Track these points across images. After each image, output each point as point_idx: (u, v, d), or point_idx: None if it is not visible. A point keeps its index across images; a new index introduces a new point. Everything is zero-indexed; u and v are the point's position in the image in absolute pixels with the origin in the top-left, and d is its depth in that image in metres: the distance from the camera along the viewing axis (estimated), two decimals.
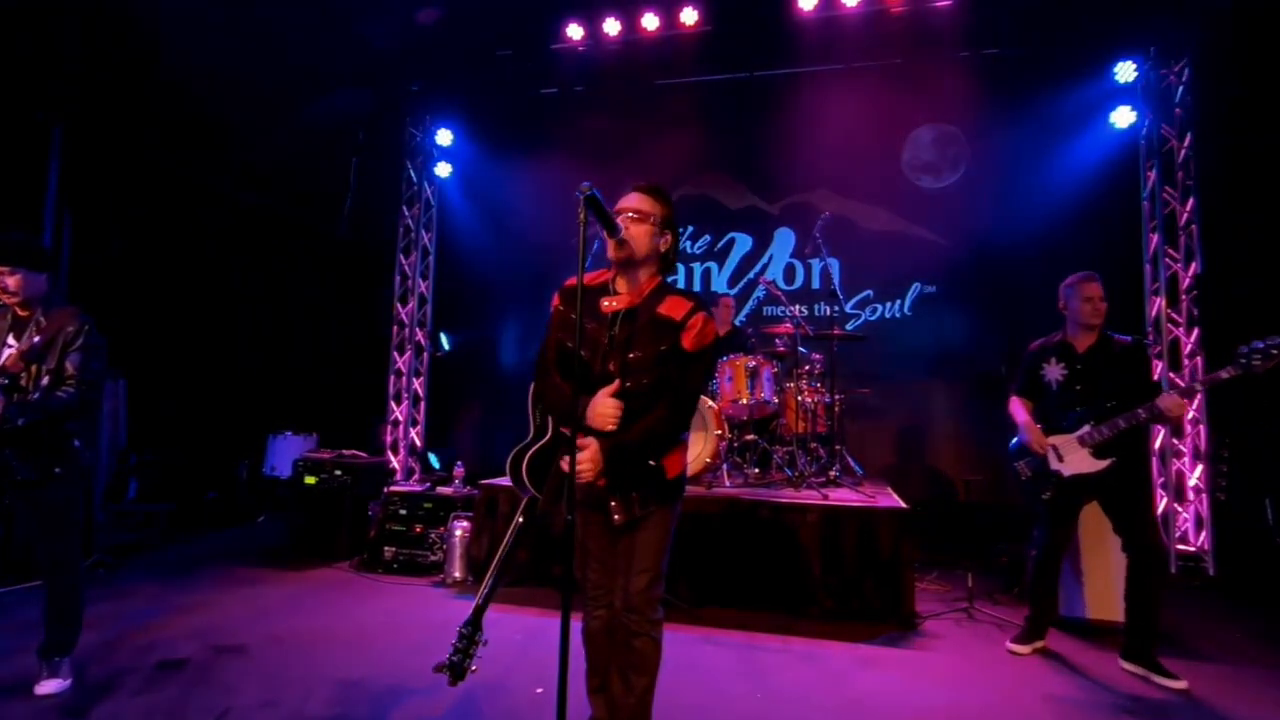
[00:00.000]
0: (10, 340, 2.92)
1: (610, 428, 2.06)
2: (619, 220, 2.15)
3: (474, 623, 2.33)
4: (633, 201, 2.22)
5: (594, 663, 2.35)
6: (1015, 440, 3.70)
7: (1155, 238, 5.86)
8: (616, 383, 2.10)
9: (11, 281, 2.89)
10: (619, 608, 2.22)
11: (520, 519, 2.39)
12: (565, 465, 2.04)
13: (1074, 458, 3.44)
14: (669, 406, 2.13)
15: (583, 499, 2.16)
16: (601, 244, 2.21)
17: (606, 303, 2.19)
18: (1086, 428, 3.41)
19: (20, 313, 2.97)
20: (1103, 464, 3.38)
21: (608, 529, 2.21)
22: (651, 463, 2.17)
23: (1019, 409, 3.66)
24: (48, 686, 2.90)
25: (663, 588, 2.24)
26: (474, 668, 2.32)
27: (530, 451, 2.34)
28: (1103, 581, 3.96)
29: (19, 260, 2.91)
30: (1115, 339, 3.49)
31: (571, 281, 2.24)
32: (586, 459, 2.05)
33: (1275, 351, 2.90)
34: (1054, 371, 3.56)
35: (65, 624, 2.99)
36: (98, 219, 5.83)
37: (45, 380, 2.87)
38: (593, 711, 2.38)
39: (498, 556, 2.43)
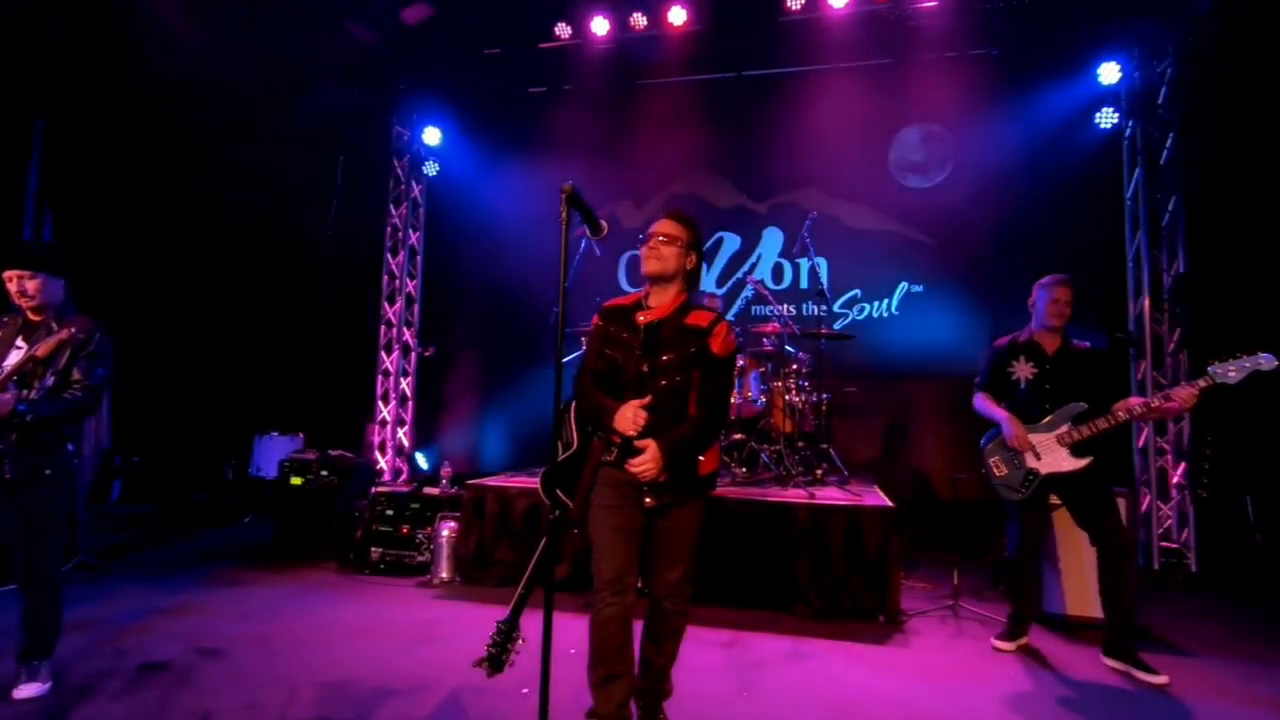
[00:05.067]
0: (19, 342, 2.95)
1: (632, 433, 2.28)
2: (649, 244, 2.44)
3: (511, 620, 2.44)
4: (664, 226, 2.48)
5: (602, 653, 2.35)
6: (987, 436, 3.72)
7: (1139, 237, 5.92)
8: (649, 397, 2.31)
9: (30, 286, 2.95)
10: (661, 596, 2.46)
11: (553, 519, 2.51)
12: (630, 467, 2.28)
13: (1052, 456, 3.47)
14: (709, 407, 2.40)
15: (611, 488, 2.38)
16: (589, 243, 2.25)
17: (641, 317, 2.46)
18: (1065, 427, 3.45)
19: (33, 317, 3.00)
20: (1081, 463, 3.42)
21: (638, 515, 2.37)
22: (701, 457, 2.42)
23: (992, 404, 3.66)
24: (26, 690, 2.86)
25: (692, 572, 2.49)
26: (512, 661, 2.40)
27: (559, 463, 2.50)
28: (1081, 578, 3.99)
29: (40, 266, 2.98)
30: (1075, 343, 3.58)
31: (611, 302, 2.59)
32: (649, 459, 2.25)
33: (1248, 365, 3.04)
34: (1023, 370, 3.60)
35: (44, 627, 2.96)
36: (79, 216, 5.77)
37: (49, 381, 2.90)
38: (593, 706, 2.36)
39: (533, 561, 2.58)
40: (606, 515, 2.39)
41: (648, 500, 2.34)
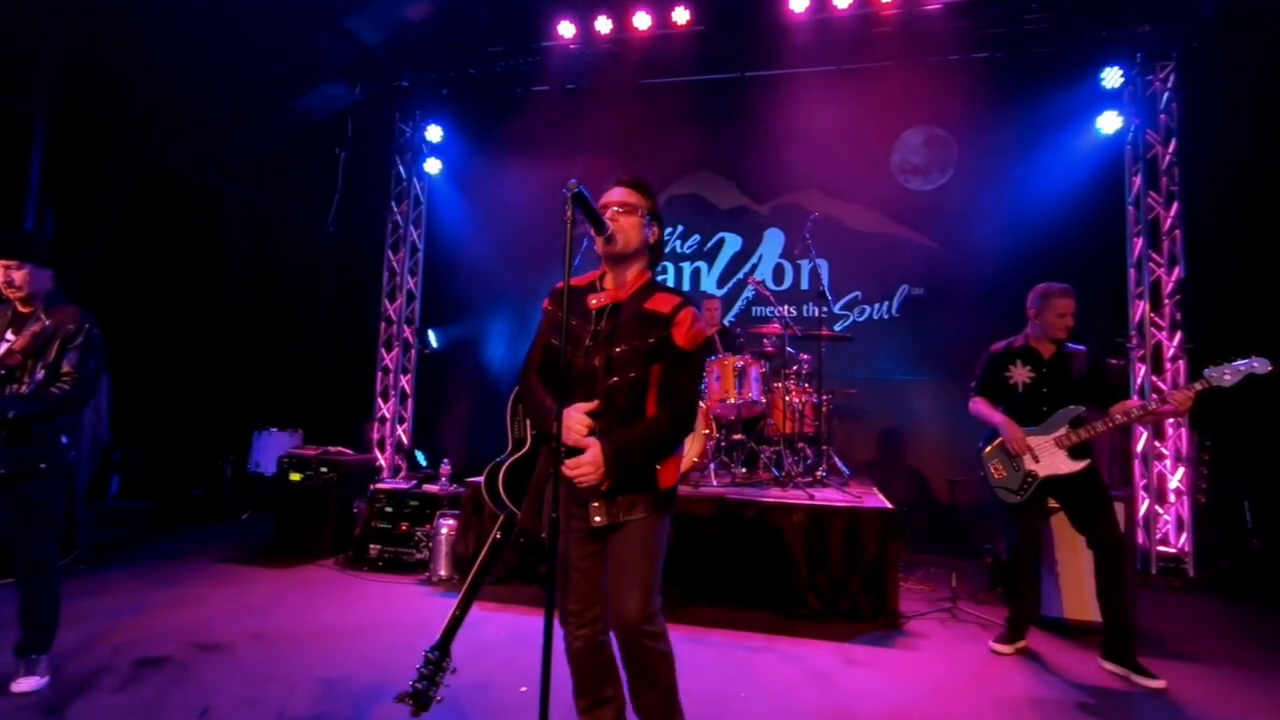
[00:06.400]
0: (9, 335, 2.91)
1: (574, 441, 1.99)
2: (606, 215, 2.12)
3: (442, 648, 2.22)
4: (618, 195, 2.18)
5: (581, 683, 2.18)
6: (985, 440, 3.73)
7: (1139, 242, 5.92)
8: (597, 401, 2.05)
9: (18, 276, 2.90)
10: (618, 632, 2.08)
11: (497, 536, 2.31)
12: (566, 470, 1.97)
13: (1050, 459, 3.48)
14: (669, 409, 2.07)
15: (564, 505, 2.07)
16: (591, 242, 2.19)
17: (594, 300, 2.14)
18: (1063, 429, 3.46)
19: (22, 309, 2.97)
20: (1080, 465, 3.44)
21: (590, 537, 2.11)
22: (659, 467, 2.11)
23: (989, 408, 3.68)
24: (25, 684, 2.86)
25: (658, 600, 2.11)
26: (440, 697, 2.20)
27: (506, 465, 2.28)
28: (1079, 582, 3.99)
29: (26, 255, 2.93)
30: (1070, 346, 3.60)
31: (563, 284, 2.13)
32: (588, 461, 1.95)
33: (1242, 368, 3.06)
34: (1020, 374, 3.62)
35: (42, 621, 2.96)
36: (80, 212, 5.75)
37: (40, 375, 2.88)
38: None
39: (469, 578, 2.34)
40: (569, 538, 2.12)
41: (596, 519, 2.02)
